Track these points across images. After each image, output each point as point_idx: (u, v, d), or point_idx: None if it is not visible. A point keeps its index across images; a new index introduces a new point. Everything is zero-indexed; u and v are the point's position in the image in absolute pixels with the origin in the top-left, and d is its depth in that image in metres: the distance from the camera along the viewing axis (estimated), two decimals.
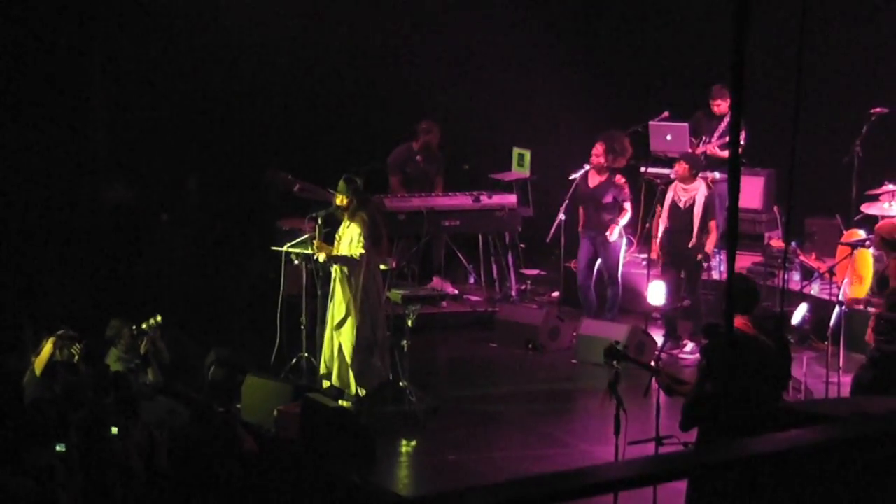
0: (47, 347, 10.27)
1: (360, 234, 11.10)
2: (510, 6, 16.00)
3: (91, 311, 12.02)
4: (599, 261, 13.40)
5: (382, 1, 15.70)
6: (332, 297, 11.27)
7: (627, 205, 13.23)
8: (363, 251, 11.08)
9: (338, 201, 11.24)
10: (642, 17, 15.94)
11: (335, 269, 11.25)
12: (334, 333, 11.25)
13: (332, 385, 11.27)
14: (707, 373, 7.92)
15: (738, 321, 8.00)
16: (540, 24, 15.86)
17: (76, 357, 10.21)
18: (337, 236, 11.33)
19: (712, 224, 12.64)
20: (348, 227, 11.24)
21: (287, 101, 15.67)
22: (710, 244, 12.71)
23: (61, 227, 14.38)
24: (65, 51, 14.73)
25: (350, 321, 11.16)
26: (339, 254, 11.19)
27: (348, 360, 11.17)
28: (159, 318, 10.91)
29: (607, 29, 16.15)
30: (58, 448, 8.51)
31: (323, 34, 15.50)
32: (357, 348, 11.14)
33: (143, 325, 10.86)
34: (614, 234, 13.13)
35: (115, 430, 8.75)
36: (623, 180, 13.28)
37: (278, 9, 15.41)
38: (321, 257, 11.24)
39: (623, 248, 13.41)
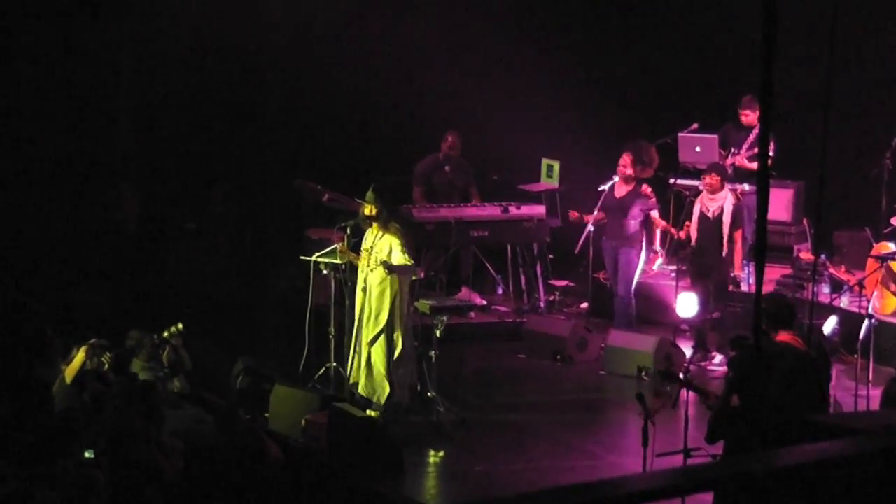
0: (79, 356, 10.29)
1: (401, 244, 11.04)
2: (540, 17, 16.01)
3: (119, 320, 12.05)
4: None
5: (412, 13, 15.72)
6: (363, 310, 11.20)
7: (655, 213, 13.21)
8: (412, 261, 11.07)
9: (366, 210, 11.10)
10: (672, 27, 15.90)
11: (367, 281, 11.15)
12: (362, 344, 11.19)
13: (359, 392, 11.23)
14: (734, 385, 7.90)
15: (786, 335, 8.08)
16: (569, 35, 15.86)
17: (106, 366, 10.23)
18: (365, 247, 11.24)
19: (737, 235, 12.60)
20: (381, 238, 11.10)
21: (316, 110, 15.70)
22: (738, 261, 12.65)
23: (89, 236, 14.44)
24: (92, 60, 14.79)
25: (385, 334, 11.10)
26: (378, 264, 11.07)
27: (383, 370, 11.10)
28: (181, 326, 10.90)
29: (637, 40, 16.12)
30: (86, 455, 8.54)
31: (351, 45, 15.54)
32: (402, 359, 11.10)
33: (165, 334, 10.86)
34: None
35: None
36: (650, 190, 13.25)
37: (306, 19, 15.45)
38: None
39: (640, 264, 13.32)
